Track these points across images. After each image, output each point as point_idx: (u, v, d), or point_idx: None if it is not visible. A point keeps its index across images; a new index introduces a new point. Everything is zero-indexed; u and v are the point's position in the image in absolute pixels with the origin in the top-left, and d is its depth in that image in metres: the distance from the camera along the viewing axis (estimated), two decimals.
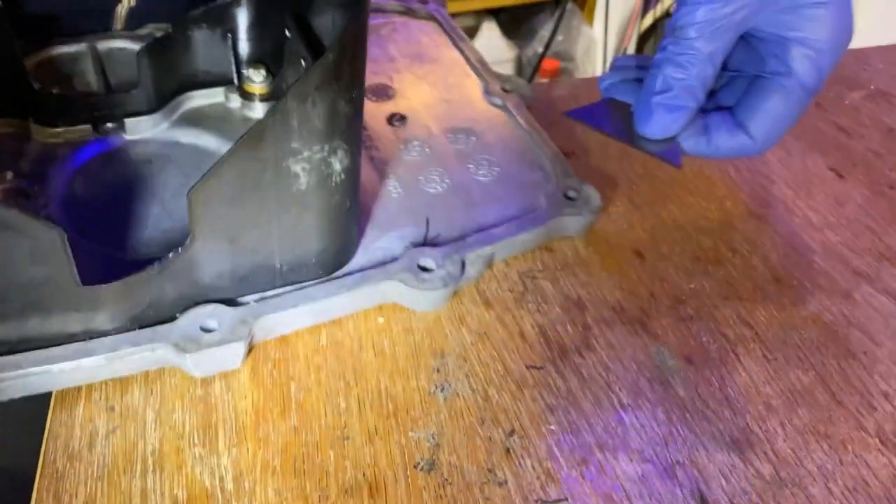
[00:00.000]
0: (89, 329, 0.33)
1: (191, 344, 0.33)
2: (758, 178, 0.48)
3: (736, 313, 0.39)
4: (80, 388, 0.34)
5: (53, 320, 0.32)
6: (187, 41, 0.44)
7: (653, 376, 0.36)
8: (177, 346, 0.33)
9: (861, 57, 0.61)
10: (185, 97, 0.45)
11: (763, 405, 0.35)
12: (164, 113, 0.44)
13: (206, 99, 0.46)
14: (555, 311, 0.39)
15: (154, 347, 0.33)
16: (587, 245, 0.43)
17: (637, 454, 0.33)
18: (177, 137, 0.44)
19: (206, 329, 0.34)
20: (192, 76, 0.45)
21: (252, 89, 0.45)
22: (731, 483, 0.31)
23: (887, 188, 0.48)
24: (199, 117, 0.45)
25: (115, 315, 0.33)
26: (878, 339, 0.38)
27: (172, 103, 0.44)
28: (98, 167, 0.42)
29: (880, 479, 0.32)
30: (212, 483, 0.31)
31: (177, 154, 0.43)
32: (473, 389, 0.35)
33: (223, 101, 0.46)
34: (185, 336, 0.34)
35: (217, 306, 0.35)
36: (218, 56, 0.45)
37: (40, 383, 0.33)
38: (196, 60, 0.44)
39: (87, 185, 0.41)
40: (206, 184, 0.31)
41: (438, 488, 0.31)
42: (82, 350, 0.33)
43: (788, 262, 0.42)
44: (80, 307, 0.32)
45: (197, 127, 0.44)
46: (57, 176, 0.41)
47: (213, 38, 0.44)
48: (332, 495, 0.31)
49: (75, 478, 0.31)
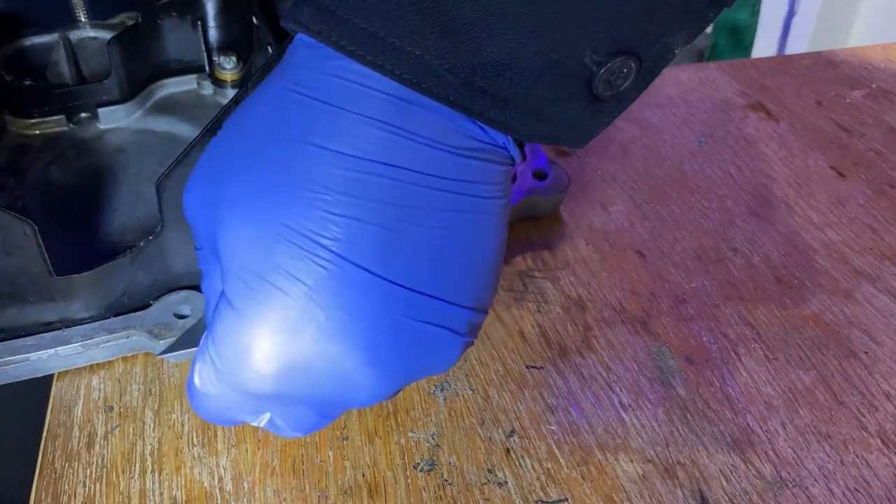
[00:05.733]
0: (65, 318, 0.34)
1: (165, 330, 0.34)
2: (759, 177, 0.48)
3: (737, 313, 0.39)
4: (80, 389, 0.34)
5: (29, 310, 0.33)
6: (158, 29, 0.44)
7: (653, 376, 0.36)
8: (151, 332, 0.34)
9: (862, 55, 0.61)
10: (158, 85, 0.45)
11: (764, 405, 0.34)
12: (137, 101, 0.44)
13: (179, 86, 0.46)
14: (555, 311, 0.39)
15: (129, 334, 0.34)
16: (588, 244, 0.43)
17: (637, 454, 0.32)
18: (150, 125, 0.44)
19: (179, 315, 0.35)
20: (164, 64, 0.45)
21: (223, 76, 0.45)
22: (731, 483, 0.31)
23: (889, 187, 0.47)
24: (172, 105, 0.45)
25: (89, 303, 0.34)
26: (880, 338, 0.38)
27: (145, 92, 0.45)
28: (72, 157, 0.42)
29: (882, 479, 0.32)
30: (211, 483, 0.31)
31: (151, 142, 0.43)
32: (473, 389, 0.35)
33: (195, 88, 0.46)
34: (159, 323, 0.34)
35: (190, 293, 0.35)
36: (189, 44, 0.45)
37: (18, 372, 0.33)
38: (167, 48, 0.45)
39: (62, 175, 0.41)
40: (172, 172, 0.32)
41: (438, 489, 0.31)
42: (58, 338, 0.33)
43: (789, 262, 0.42)
44: (55, 297, 0.33)
45: (170, 114, 0.45)
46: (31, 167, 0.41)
47: (184, 25, 0.44)
48: (331, 496, 0.31)
49: (74, 478, 0.31)
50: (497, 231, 0.27)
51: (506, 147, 0.26)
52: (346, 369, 0.25)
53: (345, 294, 0.24)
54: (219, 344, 0.25)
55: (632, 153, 0.50)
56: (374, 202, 0.24)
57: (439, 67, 0.23)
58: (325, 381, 0.25)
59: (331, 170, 0.24)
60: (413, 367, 0.26)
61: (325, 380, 0.25)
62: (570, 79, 0.24)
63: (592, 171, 0.48)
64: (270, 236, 0.24)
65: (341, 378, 0.25)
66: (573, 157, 0.49)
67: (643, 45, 0.24)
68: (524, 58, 0.23)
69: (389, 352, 0.25)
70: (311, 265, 0.24)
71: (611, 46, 0.24)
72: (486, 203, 0.26)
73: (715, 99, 0.56)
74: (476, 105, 0.24)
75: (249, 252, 0.24)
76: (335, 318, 0.24)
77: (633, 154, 0.50)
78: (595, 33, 0.23)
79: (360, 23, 0.23)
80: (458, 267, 0.26)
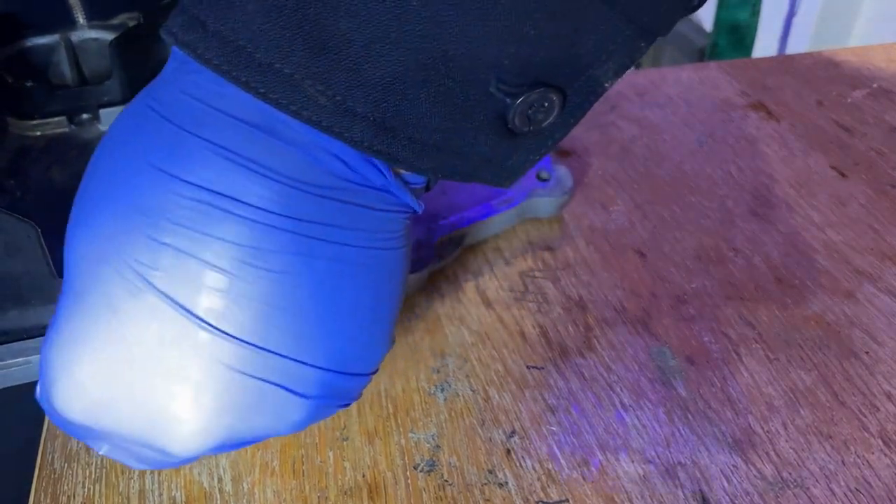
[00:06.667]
0: None
1: None
2: (759, 177, 0.48)
3: (738, 313, 0.39)
4: None
5: (31, 312, 0.33)
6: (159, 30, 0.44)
7: (654, 376, 0.36)
8: None
9: (863, 55, 0.61)
10: None
11: (765, 405, 0.34)
12: None
13: None
14: (556, 311, 0.39)
15: None
16: (588, 244, 0.43)
17: (638, 455, 0.32)
18: None
19: None
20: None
21: None
22: (732, 484, 0.31)
23: (890, 187, 0.47)
24: None
25: None
26: (881, 338, 0.38)
27: None
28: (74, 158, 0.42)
29: (883, 479, 0.32)
30: (210, 484, 0.31)
31: None
32: (474, 390, 0.35)
33: None
34: None
35: None
36: None
37: (21, 375, 0.33)
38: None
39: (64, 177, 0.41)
40: None
41: (438, 489, 0.31)
42: None
43: (790, 262, 0.42)
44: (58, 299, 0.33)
45: None
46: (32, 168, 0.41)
47: None
48: (331, 496, 0.31)
49: (73, 479, 0.31)
50: (374, 284, 0.24)
51: (388, 190, 0.24)
52: (154, 412, 0.22)
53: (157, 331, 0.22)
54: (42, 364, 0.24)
55: (632, 153, 0.50)
56: (207, 236, 0.21)
57: (310, 88, 0.21)
58: (136, 421, 0.23)
59: (168, 196, 0.22)
60: (240, 425, 0.23)
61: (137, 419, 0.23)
62: (474, 109, 0.22)
63: (593, 171, 0.48)
64: (96, 255, 0.22)
65: (153, 420, 0.23)
66: (573, 158, 0.49)
67: (564, 77, 0.22)
68: (410, 82, 0.21)
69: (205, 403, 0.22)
70: (127, 294, 0.22)
71: (523, 77, 0.22)
72: (352, 251, 0.23)
73: (715, 99, 0.56)
74: (354, 132, 0.21)
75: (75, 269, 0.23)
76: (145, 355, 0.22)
77: (634, 154, 0.50)
78: (499, 60, 0.21)
79: (229, 35, 0.21)
80: (307, 319, 0.23)
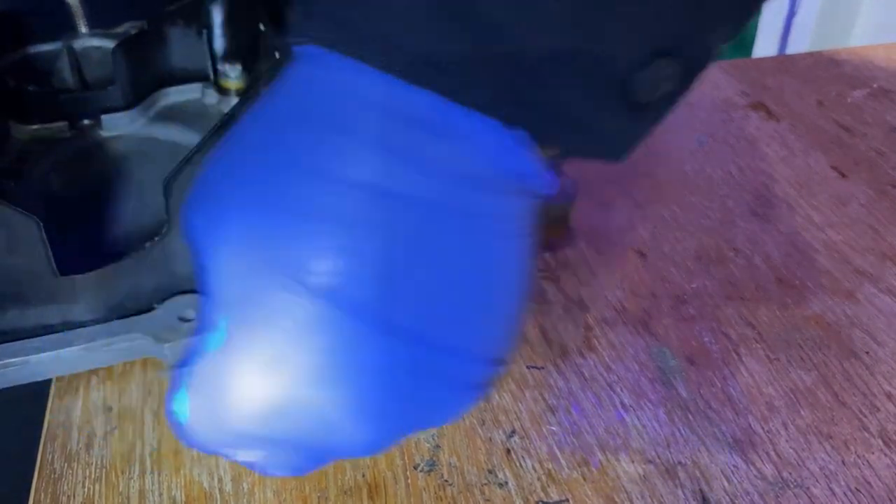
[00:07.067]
0: (67, 320, 0.33)
1: (169, 334, 0.33)
2: (760, 177, 0.48)
3: (738, 313, 0.39)
4: (79, 389, 0.34)
5: (31, 311, 0.33)
6: (163, 37, 0.44)
7: (654, 376, 0.36)
8: (155, 336, 0.33)
9: (864, 55, 0.61)
10: (162, 93, 0.45)
11: (765, 405, 0.34)
12: (140, 109, 0.44)
13: (183, 95, 0.46)
14: (556, 311, 0.39)
15: (132, 338, 0.33)
16: (588, 244, 0.43)
17: (638, 455, 0.32)
18: (154, 133, 0.44)
19: (184, 319, 0.34)
20: (168, 72, 0.45)
21: (228, 84, 0.45)
22: (733, 484, 0.31)
23: (890, 187, 0.47)
24: (176, 113, 0.45)
25: (92, 306, 0.33)
26: (881, 338, 0.37)
27: (149, 100, 0.44)
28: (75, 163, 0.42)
29: (883, 479, 0.32)
30: (210, 484, 0.31)
31: (154, 150, 0.43)
32: None
33: (200, 97, 0.46)
34: (164, 326, 0.34)
35: (195, 296, 0.35)
36: (194, 52, 0.45)
37: (18, 375, 0.33)
38: (172, 56, 0.45)
39: (65, 182, 0.41)
40: (180, 172, 0.31)
41: (438, 489, 0.31)
42: (60, 341, 0.33)
43: (791, 262, 0.42)
44: (58, 298, 0.33)
45: (174, 123, 0.44)
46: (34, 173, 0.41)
47: (189, 34, 0.44)
48: (331, 496, 0.31)
49: (73, 479, 0.31)
50: (520, 273, 0.24)
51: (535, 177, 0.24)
52: (331, 418, 0.22)
53: (330, 338, 0.21)
54: (199, 375, 0.23)
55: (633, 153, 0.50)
56: (374, 235, 0.21)
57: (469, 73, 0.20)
58: (308, 428, 0.23)
59: (327, 197, 0.21)
60: (409, 422, 0.24)
61: (309, 426, 0.23)
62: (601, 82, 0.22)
63: (593, 171, 0.48)
64: (257, 267, 0.22)
65: (327, 426, 0.23)
66: None
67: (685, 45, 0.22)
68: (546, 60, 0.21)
69: (379, 405, 0.22)
70: (295, 302, 0.21)
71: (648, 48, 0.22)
72: (508, 242, 0.23)
73: (716, 98, 0.56)
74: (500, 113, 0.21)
75: (235, 282, 0.22)
76: (320, 363, 0.22)
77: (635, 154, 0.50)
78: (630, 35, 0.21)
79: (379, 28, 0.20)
80: (469, 314, 0.23)
